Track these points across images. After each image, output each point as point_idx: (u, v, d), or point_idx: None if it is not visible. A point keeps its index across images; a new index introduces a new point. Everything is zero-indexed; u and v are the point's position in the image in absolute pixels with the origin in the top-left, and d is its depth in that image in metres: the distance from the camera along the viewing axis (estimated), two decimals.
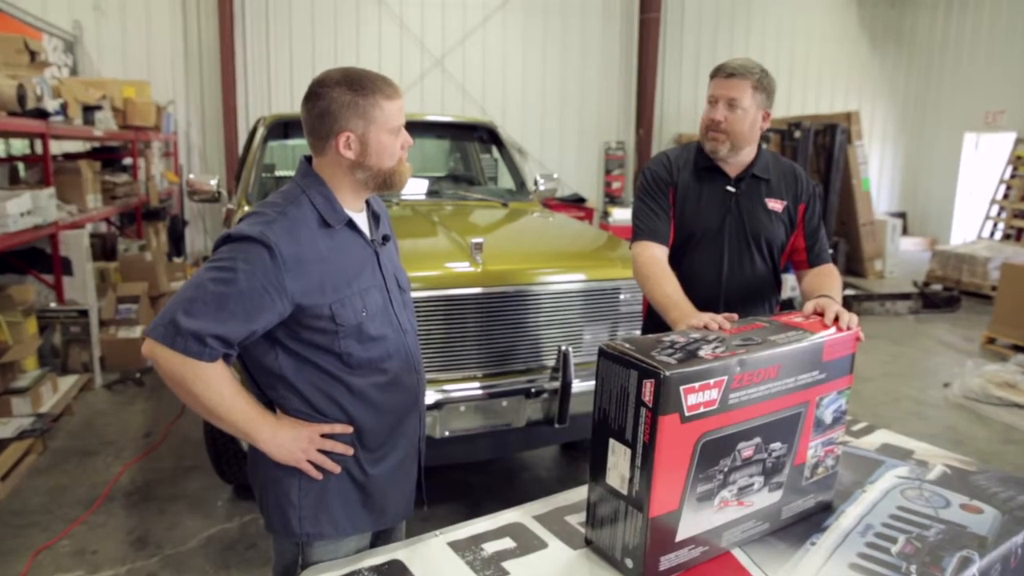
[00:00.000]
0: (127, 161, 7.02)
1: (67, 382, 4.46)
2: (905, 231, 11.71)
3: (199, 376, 1.34)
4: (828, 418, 1.43)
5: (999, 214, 9.56)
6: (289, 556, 1.57)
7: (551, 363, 2.76)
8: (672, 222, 2.16)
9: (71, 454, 3.75)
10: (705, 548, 1.29)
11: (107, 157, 6.73)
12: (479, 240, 2.68)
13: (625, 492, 1.22)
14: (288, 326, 1.43)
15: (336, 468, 1.50)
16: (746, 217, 2.11)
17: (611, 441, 1.24)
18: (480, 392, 2.62)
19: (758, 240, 2.12)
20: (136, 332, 5.10)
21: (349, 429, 1.50)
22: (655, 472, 1.16)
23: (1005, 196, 9.55)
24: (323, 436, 1.49)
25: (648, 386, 1.15)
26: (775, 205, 2.12)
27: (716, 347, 1.26)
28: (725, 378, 1.20)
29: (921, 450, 1.85)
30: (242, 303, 1.33)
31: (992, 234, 9.51)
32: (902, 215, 12.03)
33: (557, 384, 2.68)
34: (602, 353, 1.25)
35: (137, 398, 4.59)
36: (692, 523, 1.25)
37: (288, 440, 1.44)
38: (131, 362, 5.00)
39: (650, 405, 1.15)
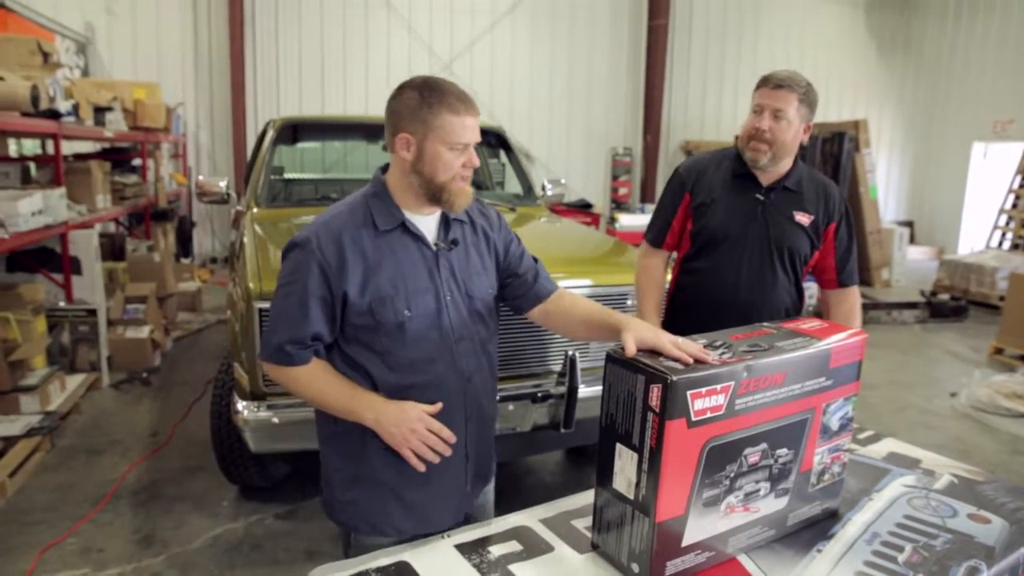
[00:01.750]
0: (136, 162, 7.07)
1: (75, 381, 4.49)
2: (912, 240, 11.67)
3: (292, 379, 1.52)
4: (835, 425, 1.43)
5: (1007, 224, 9.50)
6: (345, 534, 1.67)
7: (558, 368, 2.76)
8: (688, 225, 2.26)
9: (78, 452, 3.77)
10: (711, 553, 1.29)
11: (117, 158, 6.77)
12: None
13: (632, 497, 1.22)
14: (341, 327, 1.52)
15: (436, 458, 1.51)
16: (771, 226, 2.14)
17: (618, 446, 1.24)
18: None
19: (780, 249, 2.15)
20: (143, 332, 5.13)
21: (439, 407, 1.52)
22: (662, 477, 1.17)
23: (1014, 206, 9.49)
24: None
25: (655, 391, 1.16)
26: (802, 218, 2.15)
27: (723, 353, 1.27)
28: (732, 383, 1.21)
29: (928, 459, 1.84)
30: (299, 307, 1.47)
31: (1000, 244, 9.46)
32: (909, 224, 11.99)
33: (563, 389, 2.69)
34: (609, 358, 1.25)
35: (144, 398, 4.61)
36: (698, 528, 1.25)
37: (392, 421, 1.48)
38: (138, 362, 5.03)
39: (657, 410, 1.16)
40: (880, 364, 5.76)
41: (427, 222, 1.57)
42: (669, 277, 2.43)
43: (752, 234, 2.14)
